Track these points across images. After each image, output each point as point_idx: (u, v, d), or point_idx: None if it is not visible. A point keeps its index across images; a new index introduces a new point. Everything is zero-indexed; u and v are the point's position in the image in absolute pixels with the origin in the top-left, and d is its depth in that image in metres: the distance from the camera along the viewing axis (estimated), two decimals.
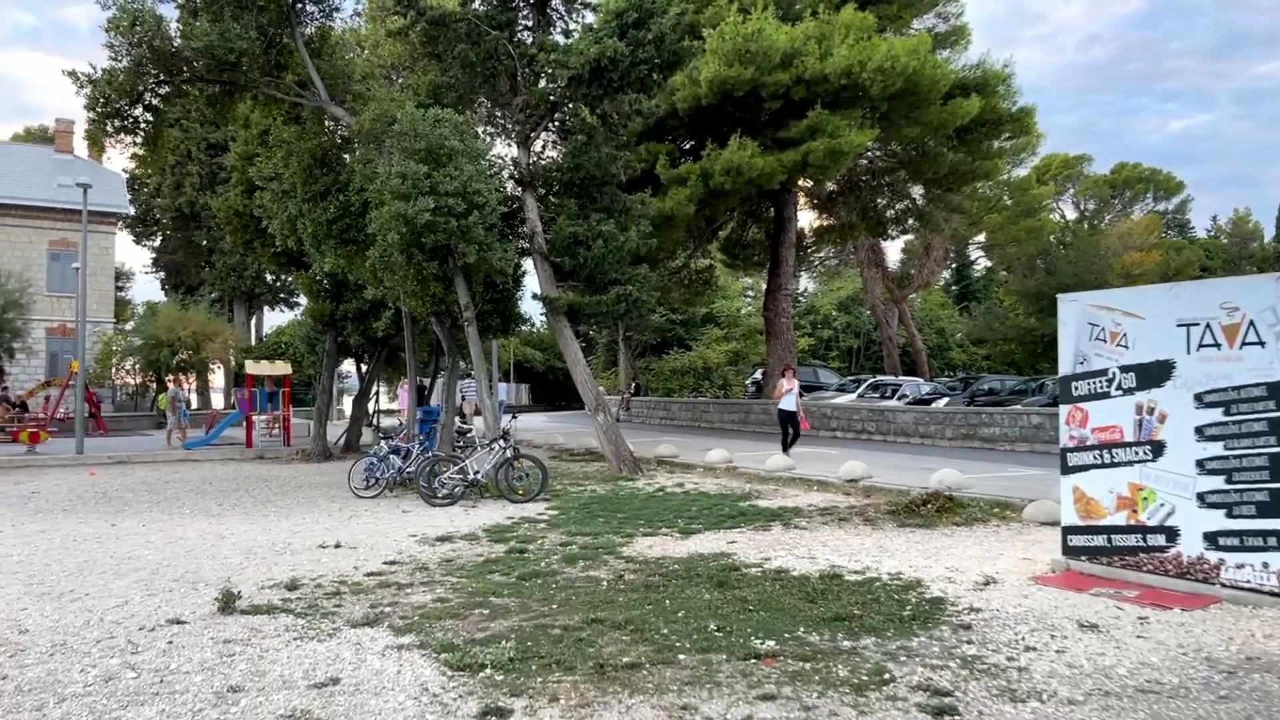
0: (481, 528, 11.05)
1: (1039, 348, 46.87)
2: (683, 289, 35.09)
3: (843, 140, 24.02)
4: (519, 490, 13.52)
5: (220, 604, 7.02)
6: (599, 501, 13.14)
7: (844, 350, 60.27)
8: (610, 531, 10.53)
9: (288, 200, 16.23)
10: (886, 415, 23.17)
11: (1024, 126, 28.94)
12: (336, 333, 21.88)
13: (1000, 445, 20.10)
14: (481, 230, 14.57)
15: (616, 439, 16.60)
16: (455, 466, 13.52)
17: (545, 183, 18.52)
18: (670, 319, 51.43)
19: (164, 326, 35.09)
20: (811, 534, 10.11)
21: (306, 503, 13.76)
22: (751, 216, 35.25)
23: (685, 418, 32.66)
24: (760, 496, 13.23)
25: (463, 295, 15.58)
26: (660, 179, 25.89)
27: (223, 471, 18.70)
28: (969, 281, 70.04)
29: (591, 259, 17.52)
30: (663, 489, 14.43)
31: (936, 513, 10.69)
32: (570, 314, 17.84)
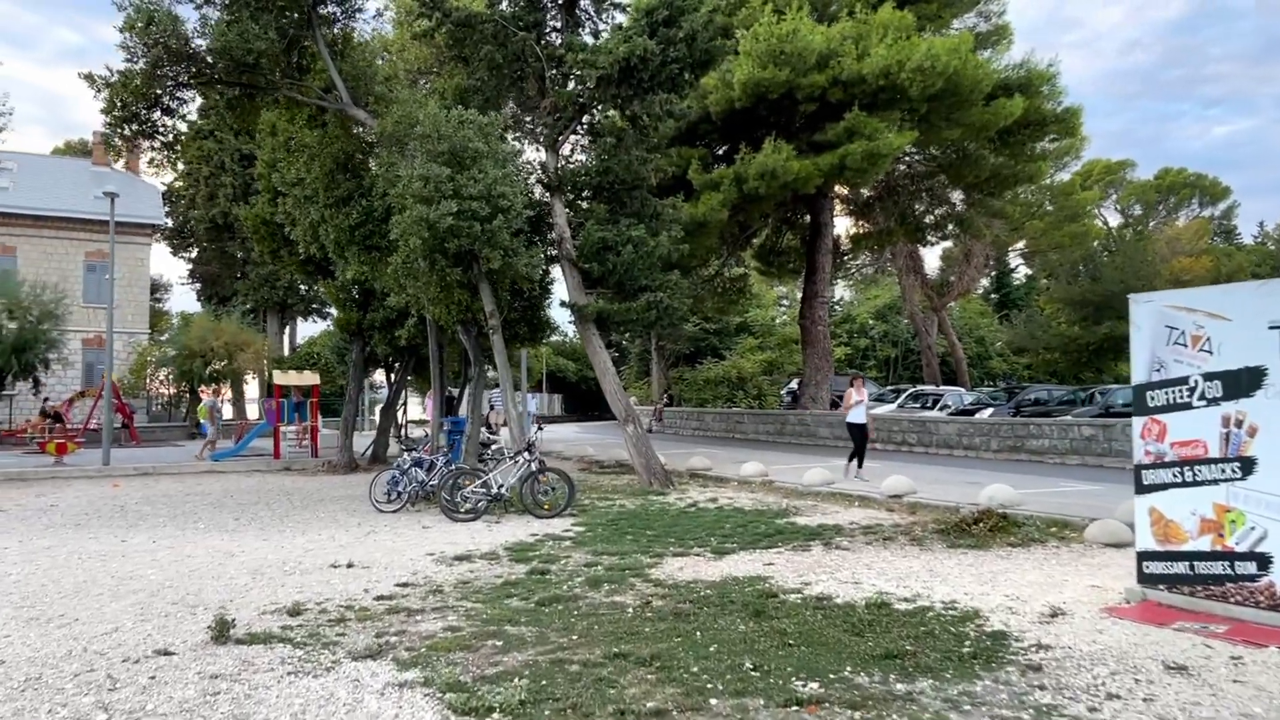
0: (503, 546, 10.48)
1: (1083, 356, 45.68)
2: (716, 297, 34.44)
3: (881, 143, 23.27)
4: (544, 505, 12.94)
5: (214, 633, 6.49)
6: (628, 517, 12.51)
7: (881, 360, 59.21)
8: (639, 551, 9.90)
9: (310, 206, 15.84)
10: (928, 426, 22.32)
11: (1069, 128, 27.98)
12: (364, 342, 21.49)
13: (1049, 458, 19.20)
14: (506, 235, 14.05)
15: (647, 451, 15.98)
16: (478, 480, 12.96)
17: (574, 187, 18.01)
18: (704, 328, 50.79)
19: (196, 337, 35.04)
20: (855, 555, 9.41)
21: (325, 518, 13.28)
22: (786, 223, 34.56)
23: (719, 429, 31.95)
24: (798, 513, 12.53)
25: (487, 302, 15.07)
26: (693, 184, 25.33)
27: (246, 484, 18.33)
28: (1009, 289, 68.66)
29: (621, 265, 16.96)
30: (695, 504, 13.77)
31: (989, 532, 9.93)
32: (599, 322, 17.27)
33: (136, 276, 40.59)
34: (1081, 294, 43.37)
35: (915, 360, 57.69)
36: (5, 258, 38.05)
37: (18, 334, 32.17)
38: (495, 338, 15.22)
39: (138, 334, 39.90)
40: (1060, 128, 27.98)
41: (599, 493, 15.63)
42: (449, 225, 13.36)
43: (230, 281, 45.70)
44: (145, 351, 37.96)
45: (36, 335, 32.61)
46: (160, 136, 14.75)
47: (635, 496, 14.86)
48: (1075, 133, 28.29)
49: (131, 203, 41.00)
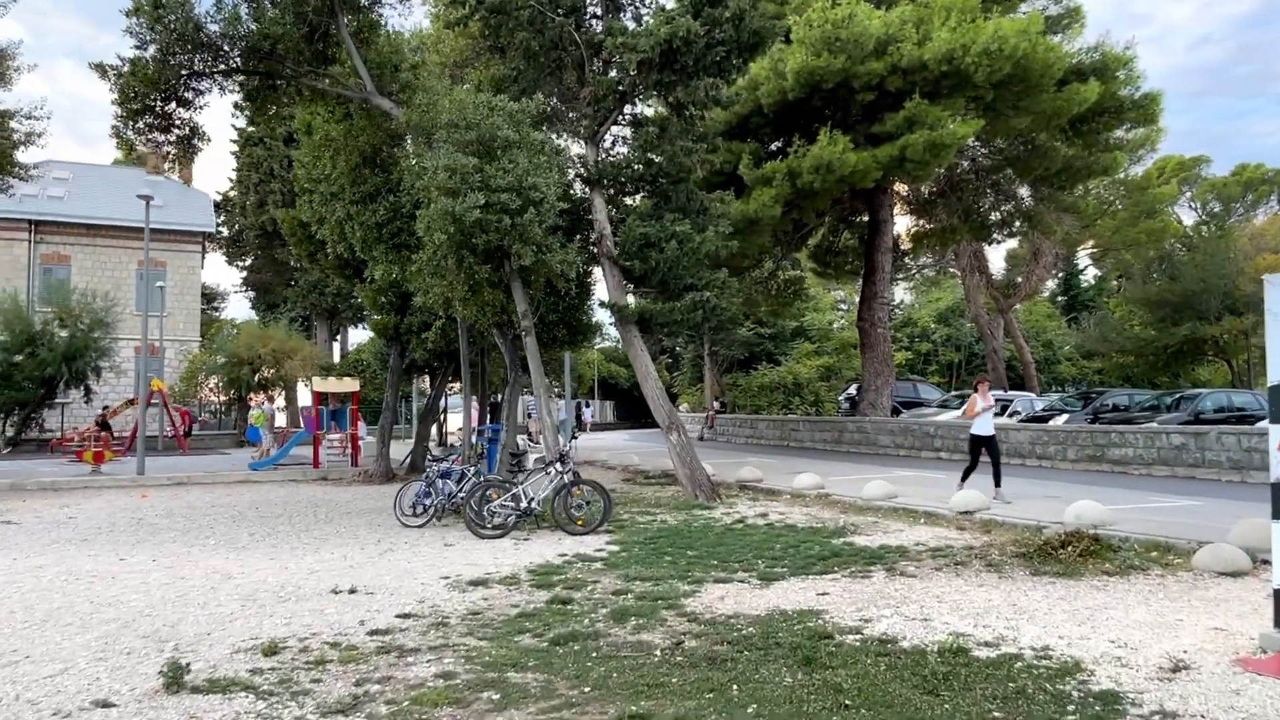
0: (526, 568, 9.45)
1: (1160, 360, 43.29)
2: (770, 299, 33.19)
3: (944, 132, 21.85)
4: (578, 521, 11.90)
5: (166, 679, 5.55)
6: (668, 535, 11.41)
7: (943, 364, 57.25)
8: (676, 575, 8.80)
9: (336, 203, 15.08)
10: (999, 434, 20.75)
11: (1148, 114, 26.17)
12: (401, 347, 20.74)
13: (1133, 468, 17.60)
14: (539, 229, 13.07)
15: (692, 462, 14.86)
16: (507, 493, 11.98)
17: (614, 181, 16.98)
18: (758, 333, 49.45)
19: (244, 344, 34.87)
20: (922, 584, 8.18)
21: (346, 533, 12.41)
22: (843, 221, 33.16)
23: (773, 437, 30.65)
24: (857, 531, 11.30)
25: (520, 302, 14.11)
26: (744, 180, 24.16)
27: (277, 495, 17.63)
28: (1077, 291, 66.11)
29: (664, 262, 15.89)
30: (743, 520, 12.61)
31: (1080, 558, 8.62)
32: (641, 323, 16.22)
33: (188, 284, 40.72)
34: (1159, 294, 41.02)
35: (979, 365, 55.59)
36: (60, 266, 38.40)
37: (68, 342, 32.26)
38: (528, 340, 14.24)
39: (189, 342, 39.96)
40: (1138, 115, 26.19)
41: (640, 506, 14.55)
42: (476, 219, 12.43)
43: (281, 289, 45.68)
44: (196, 359, 37.97)
45: (87, 343, 32.69)
46: (177, 130, 14.11)
47: (678, 511, 13.74)
48: (1154, 120, 26.45)
49: (182, 211, 41.22)
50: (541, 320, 16.59)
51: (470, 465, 14.02)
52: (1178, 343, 40.68)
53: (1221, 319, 38.68)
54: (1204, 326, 38.83)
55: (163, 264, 39.68)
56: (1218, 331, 39.00)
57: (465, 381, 17.94)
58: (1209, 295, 38.97)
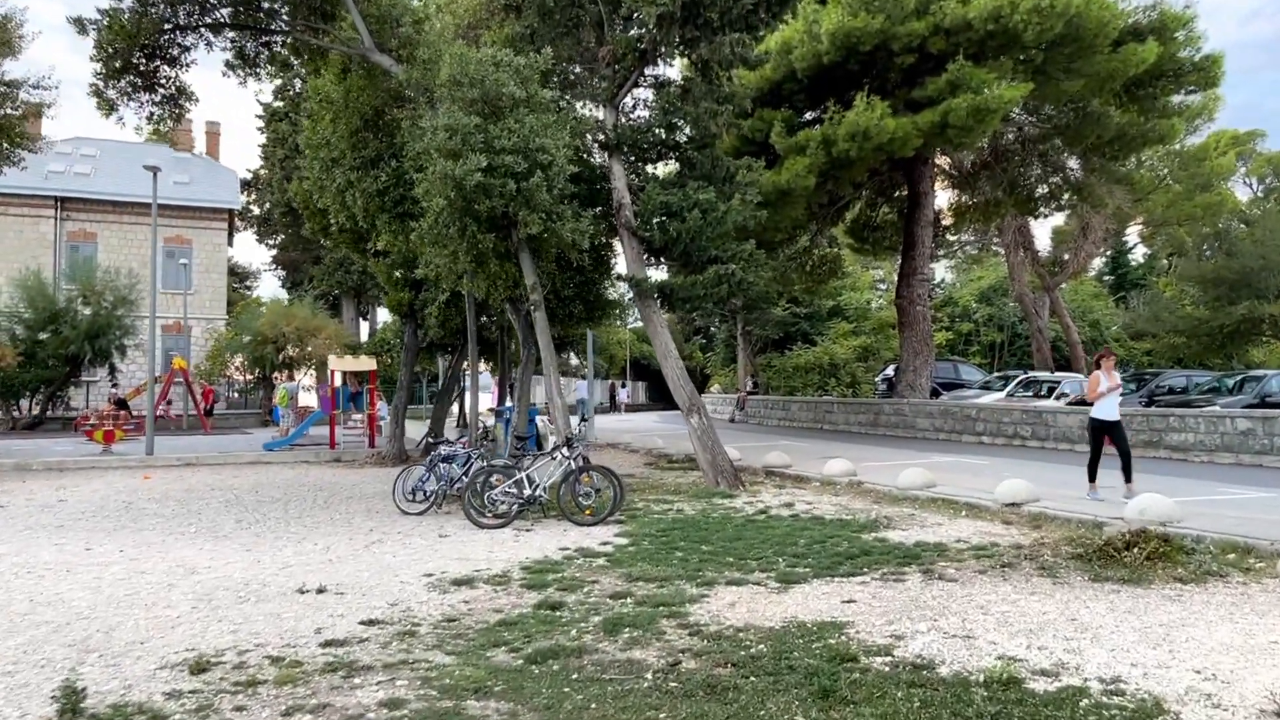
0: (521, 564, 8.55)
1: (1216, 341, 41.34)
2: (804, 276, 31.97)
3: (989, 96, 20.48)
4: (586, 510, 10.98)
5: (61, 706, 4.71)
6: (683, 526, 10.45)
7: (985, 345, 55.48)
8: (685, 575, 7.84)
9: (336, 170, 14.21)
10: (1045, 418, 19.53)
11: (1209, 78, 24.47)
12: (416, 325, 19.93)
13: (1194, 455, 16.31)
14: (547, 195, 12.10)
15: (713, 446, 13.86)
16: (510, 480, 11.08)
17: (634, 146, 15.94)
18: (794, 312, 48.16)
19: (269, 323, 34.35)
20: (964, 590, 7.14)
21: (339, 520, 11.60)
22: (881, 195, 31.80)
23: (806, 419, 29.52)
24: (891, 524, 10.25)
25: (528, 274, 13.16)
26: (776, 149, 22.98)
27: (282, 477, 16.93)
28: (1126, 269, 63.79)
29: (686, 233, 14.84)
30: (766, 510, 11.60)
31: (1147, 561, 7.52)
32: (661, 298, 15.22)
33: (214, 262, 40.35)
34: (1214, 271, 39.07)
35: (1023, 345, 53.82)
36: (86, 244, 38.17)
37: (91, 320, 32.01)
38: (537, 315, 13.28)
39: (215, 320, 39.67)
40: (1198, 78, 24.51)
41: (657, 493, 13.59)
42: (478, 183, 11.49)
43: (309, 267, 45.23)
44: (222, 338, 37.61)
45: (111, 321, 32.41)
46: (161, 89, 13.30)
47: (697, 499, 12.77)
48: (1215, 83, 24.74)
49: (209, 187, 40.83)
50: (556, 295, 15.67)
51: (477, 449, 13.10)
52: (1234, 323, 38.77)
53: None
54: (1262, 305, 36.91)
55: (188, 241, 39.38)
56: (1277, 311, 37.07)
57: (472, 359, 17.05)
58: (1269, 272, 37.01)
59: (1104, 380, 11.80)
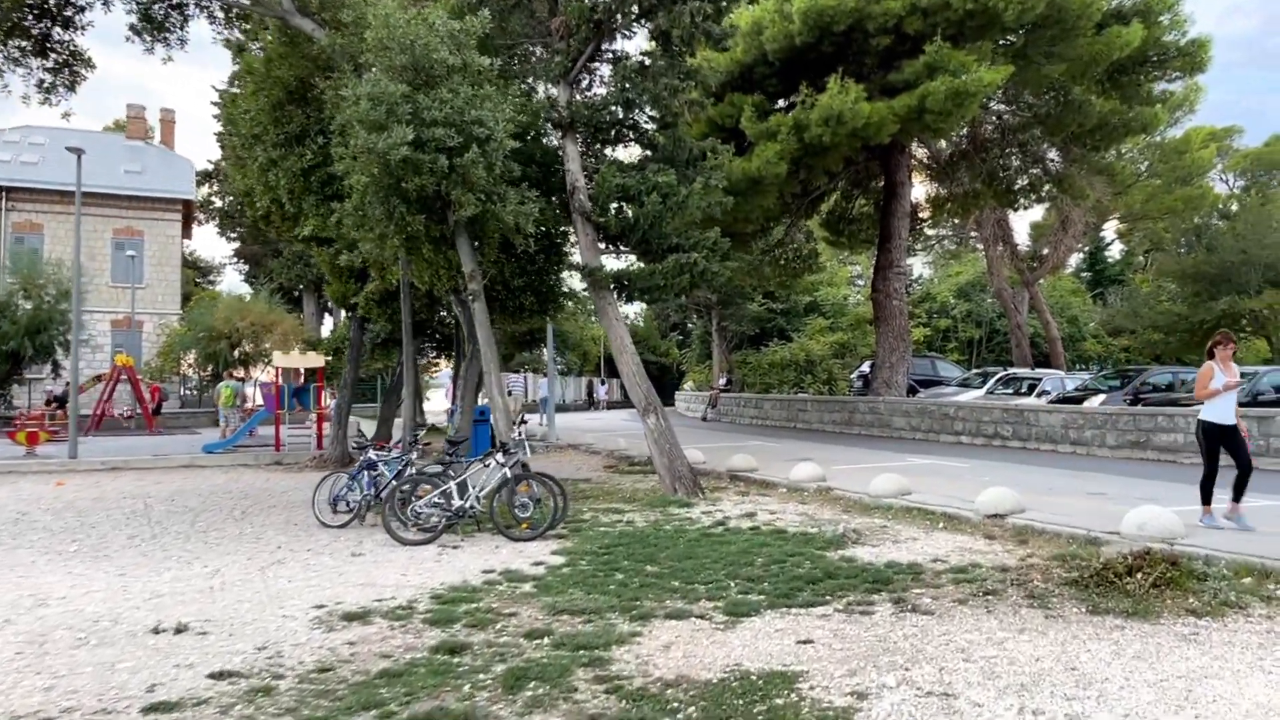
0: (433, 591, 7.40)
1: (1195, 337, 40.69)
2: (778, 269, 30.86)
3: (969, 79, 19.46)
4: (523, 523, 9.83)
5: None
6: (629, 542, 9.32)
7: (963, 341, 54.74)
8: (619, 607, 6.72)
9: (257, 146, 12.98)
10: (1026, 417, 18.56)
11: (1194, 63, 23.56)
12: (363, 318, 18.70)
13: (1185, 457, 15.36)
14: (484, 173, 10.93)
15: (671, 450, 12.72)
16: (438, 489, 9.91)
17: (590, 125, 14.78)
18: (769, 308, 47.20)
19: (222, 318, 32.91)
20: (942, 627, 6.05)
21: (247, 535, 10.39)
22: (857, 186, 30.78)
23: (779, 417, 28.48)
24: (860, 539, 9.15)
25: (465, 261, 11.98)
26: (746, 135, 21.90)
27: (210, 483, 15.67)
28: (1103, 265, 63.31)
29: (644, 218, 13.74)
30: (724, 522, 10.49)
31: (1152, 588, 6.46)
32: (618, 288, 14.10)
33: (167, 254, 38.81)
34: (1195, 266, 38.45)
35: (1001, 342, 53.19)
36: (32, 235, 36.57)
37: (32, 314, 30.42)
38: (476, 305, 12.10)
39: (169, 315, 38.12)
40: (1183, 63, 23.61)
41: (609, 501, 12.46)
42: (404, 157, 10.30)
43: (269, 260, 43.77)
44: (174, 334, 36.11)
45: (53, 315, 30.85)
46: (55, 54, 12.03)
47: (651, 508, 11.64)
48: (1202, 68, 23.83)
49: (162, 177, 39.28)
50: (505, 286, 14.50)
51: (413, 452, 11.89)
52: (1214, 318, 38.12)
53: (1262, 292, 36.15)
54: (1243, 301, 36.30)
55: (139, 232, 37.84)
56: (1258, 305, 36.45)
57: (407, 354, 15.81)
58: (1249, 267, 36.41)
59: (1219, 374, 9.18)
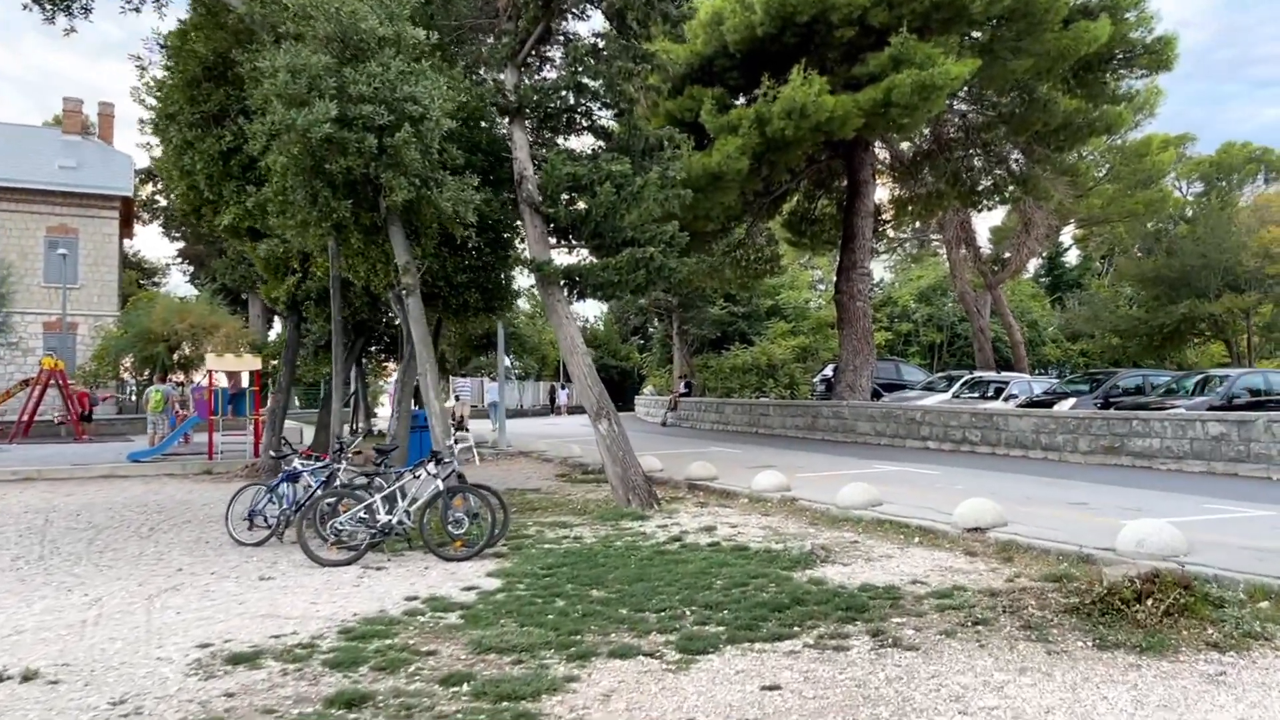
0: (343, 624, 6.41)
1: (1155, 341, 40.69)
2: (739, 270, 30.09)
3: (935, 72, 18.80)
4: (456, 541, 8.85)
5: None
6: (576, 561, 8.38)
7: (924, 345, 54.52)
8: (556, 643, 5.79)
9: (171, 126, 11.87)
10: (996, 421, 17.91)
11: (1160, 60, 23.20)
12: (299, 319, 17.58)
13: (1160, 463, 14.76)
14: (418, 155, 9.94)
15: (624, 458, 11.79)
16: (362, 504, 8.89)
17: (539, 109, 13.85)
18: (731, 311, 46.55)
19: (159, 319, 31.38)
20: (929, 666, 5.20)
21: (148, 556, 9.28)
22: (820, 186, 30.12)
23: (741, 422, 27.69)
24: (830, 557, 8.29)
25: (399, 252, 10.97)
26: (706, 129, 21.08)
27: (125, 495, 14.45)
28: (1062, 271, 63.62)
29: (597, 209, 12.82)
30: (681, 537, 9.59)
31: (1165, 616, 5.66)
32: (568, 284, 13.18)
33: (103, 254, 37.13)
34: (1155, 270, 38.38)
35: (962, 346, 53.03)
36: None
37: None
38: (410, 301, 11.08)
39: (105, 317, 36.40)
40: (1150, 60, 23.25)
41: (558, 513, 11.51)
42: (326, 135, 9.29)
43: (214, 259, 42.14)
44: (109, 336, 34.47)
45: None
46: None
47: (603, 521, 10.71)
48: (1169, 65, 23.47)
49: (99, 173, 37.60)
50: (448, 282, 13.50)
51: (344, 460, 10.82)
52: (1174, 322, 38.11)
53: (1221, 296, 36.14)
54: (1203, 305, 36.25)
55: (74, 231, 36.17)
56: (1218, 310, 36.44)
57: (336, 356, 14.71)
58: (1209, 272, 36.37)
59: None
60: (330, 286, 14.11)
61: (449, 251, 13.48)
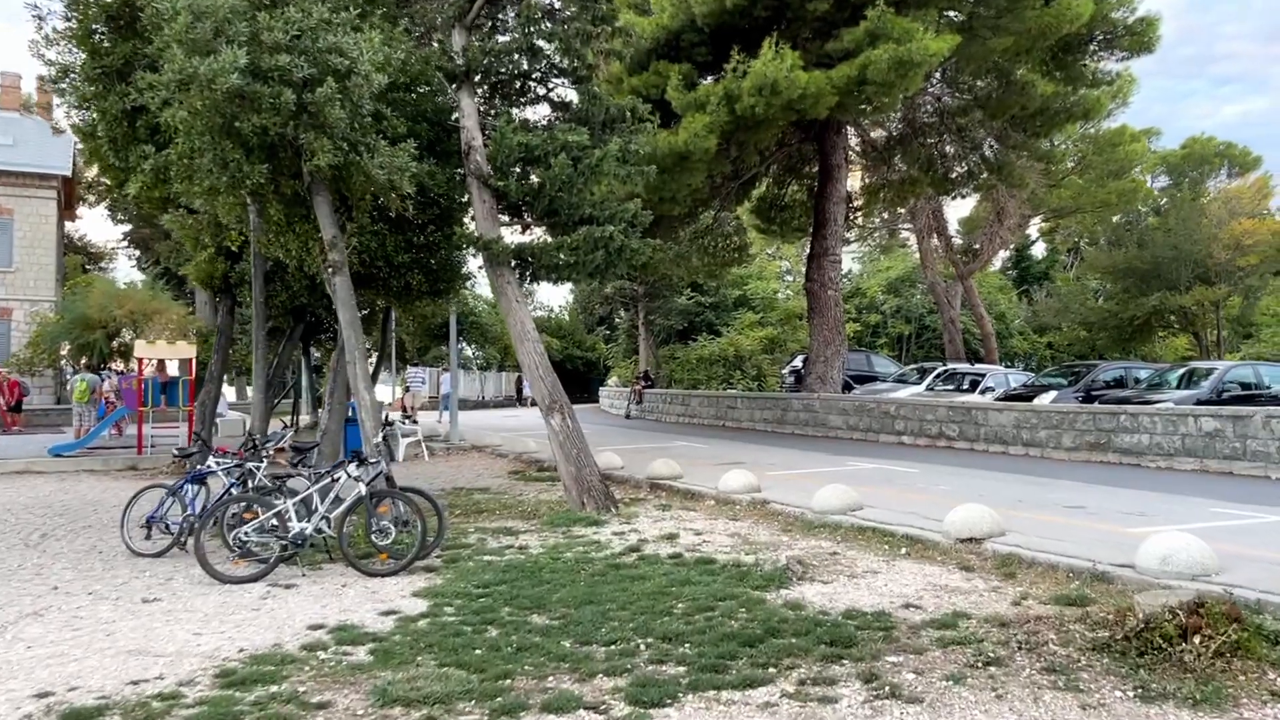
0: (223, 663, 5.28)
1: (1125, 333, 40.29)
2: (707, 257, 29.07)
3: (914, 47, 17.82)
4: (380, 554, 7.73)
5: None
6: (517, 577, 7.29)
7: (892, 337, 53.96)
8: (477, 690, 4.71)
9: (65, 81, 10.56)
10: (974, 415, 17.04)
11: (1143, 41, 22.45)
12: (232, 302, 16.28)
13: (1150, 460, 13.94)
14: (344, 114, 8.75)
15: (579, 456, 10.69)
16: (271, 510, 7.73)
17: (490, 75, 12.70)
18: (698, 301, 45.59)
19: (96, 305, 29.73)
20: (935, 716, 4.18)
21: (25, 570, 8.06)
22: (790, 171, 29.14)
23: (708, 415, 26.69)
24: (807, 573, 7.26)
25: (325, 226, 9.77)
26: (673, 107, 19.97)
27: (32, 494, 13.12)
28: (1028, 264, 63.39)
29: (551, 183, 11.69)
30: (639, 546, 8.52)
31: (1216, 657, 4.69)
32: (520, 264, 12.06)
33: (40, 235, 35.28)
34: (1126, 262, 37.88)
35: (931, 338, 52.52)
36: None
37: None
38: (337, 280, 9.89)
39: (42, 302, 34.58)
40: (1132, 42, 22.48)
41: (506, 516, 10.41)
42: (234, 88, 8.07)
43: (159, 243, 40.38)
44: (47, 323, 32.70)
45: None
46: None
47: (553, 527, 9.61)
48: (1150, 47, 22.74)
49: (35, 151, 35.74)
50: (388, 262, 12.31)
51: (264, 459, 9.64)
52: (1145, 314, 37.68)
53: (1191, 289, 35.75)
54: (1174, 297, 35.83)
55: (8, 211, 34.34)
56: (1188, 302, 36.05)
57: (256, 341, 13.46)
58: (1180, 263, 35.94)
59: None
60: (252, 264, 12.86)
61: (389, 229, 12.29)
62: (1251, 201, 40.15)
